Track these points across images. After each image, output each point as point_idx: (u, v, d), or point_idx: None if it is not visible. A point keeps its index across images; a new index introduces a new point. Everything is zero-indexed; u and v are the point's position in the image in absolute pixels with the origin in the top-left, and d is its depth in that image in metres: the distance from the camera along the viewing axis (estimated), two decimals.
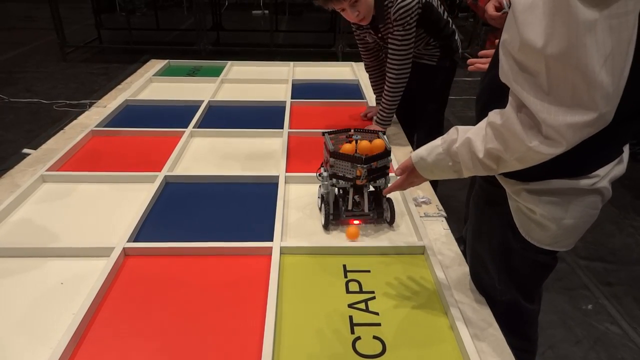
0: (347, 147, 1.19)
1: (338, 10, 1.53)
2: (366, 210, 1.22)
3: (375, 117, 1.75)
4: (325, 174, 1.20)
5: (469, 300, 0.99)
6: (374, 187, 1.23)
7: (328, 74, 2.53)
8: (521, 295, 1.00)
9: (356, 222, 1.23)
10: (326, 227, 1.22)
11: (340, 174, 1.18)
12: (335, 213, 1.22)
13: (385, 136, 1.24)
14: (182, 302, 0.98)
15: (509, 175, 0.84)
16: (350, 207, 1.22)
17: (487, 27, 2.34)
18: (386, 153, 1.18)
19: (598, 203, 0.82)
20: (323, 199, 1.23)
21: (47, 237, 1.17)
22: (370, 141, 1.19)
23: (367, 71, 1.90)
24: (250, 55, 4.90)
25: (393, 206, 1.23)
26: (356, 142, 1.18)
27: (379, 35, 1.67)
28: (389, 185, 1.08)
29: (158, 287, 1.01)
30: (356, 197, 1.22)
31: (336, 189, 1.23)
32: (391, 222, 1.24)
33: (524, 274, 0.97)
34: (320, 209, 1.28)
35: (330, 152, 1.17)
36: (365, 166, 1.14)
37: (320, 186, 1.26)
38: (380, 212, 1.23)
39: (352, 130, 1.23)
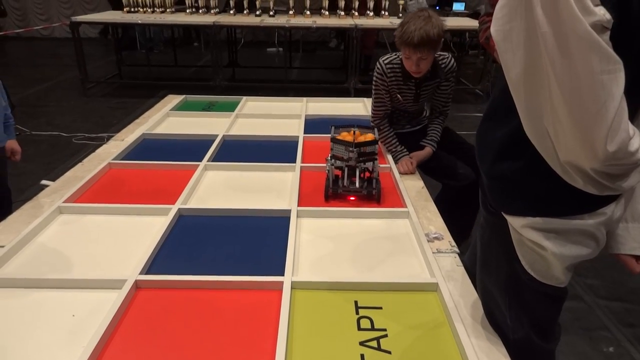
0: (345, 136, 1.52)
1: (409, 56, 1.67)
2: (357, 186, 1.50)
3: (429, 140, 1.89)
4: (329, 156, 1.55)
5: (484, 340, 0.96)
6: (368, 171, 1.51)
7: (340, 110, 2.57)
8: (534, 333, 0.96)
9: (352, 198, 1.52)
10: (326, 199, 1.52)
11: (338, 156, 1.50)
12: (334, 188, 1.52)
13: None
14: (192, 335, 0.97)
15: (513, 211, 0.87)
16: (346, 184, 1.51)
17: (497, 64, 2.37)
18: (374, 142, 1.51)
19: (590, 243, 0.84)
20: (327, 176, 1.53)
21: (60, 269, 1.19)
22: (363, 134, 1.53)
23: (382, 126, 1.89)
24: (265, 91, 5.02)
25: (380, 187, 1.51)
26: (354, 133, 1.52)
27: (417, 91, 1.83)
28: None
29: (168, 320, 1.01)
30: (353, 179, 1.51)
31: (335, 168, 1.53)
32: (378, 199, 1.50)
33: (535, 308, 0.95)
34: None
35: (331, 138, 1.52)
36: (355, 149, 1.45)
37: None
38: (369, 191, 1.51)
39: (355, 126, 1.58)
